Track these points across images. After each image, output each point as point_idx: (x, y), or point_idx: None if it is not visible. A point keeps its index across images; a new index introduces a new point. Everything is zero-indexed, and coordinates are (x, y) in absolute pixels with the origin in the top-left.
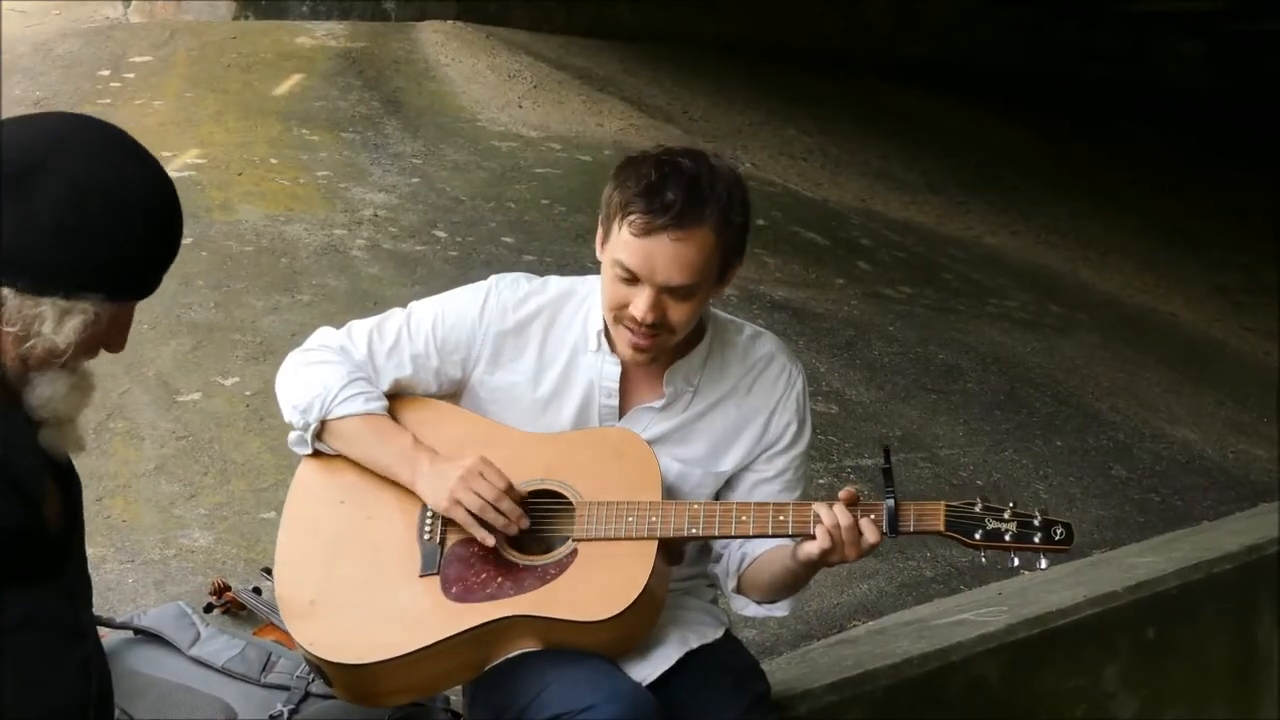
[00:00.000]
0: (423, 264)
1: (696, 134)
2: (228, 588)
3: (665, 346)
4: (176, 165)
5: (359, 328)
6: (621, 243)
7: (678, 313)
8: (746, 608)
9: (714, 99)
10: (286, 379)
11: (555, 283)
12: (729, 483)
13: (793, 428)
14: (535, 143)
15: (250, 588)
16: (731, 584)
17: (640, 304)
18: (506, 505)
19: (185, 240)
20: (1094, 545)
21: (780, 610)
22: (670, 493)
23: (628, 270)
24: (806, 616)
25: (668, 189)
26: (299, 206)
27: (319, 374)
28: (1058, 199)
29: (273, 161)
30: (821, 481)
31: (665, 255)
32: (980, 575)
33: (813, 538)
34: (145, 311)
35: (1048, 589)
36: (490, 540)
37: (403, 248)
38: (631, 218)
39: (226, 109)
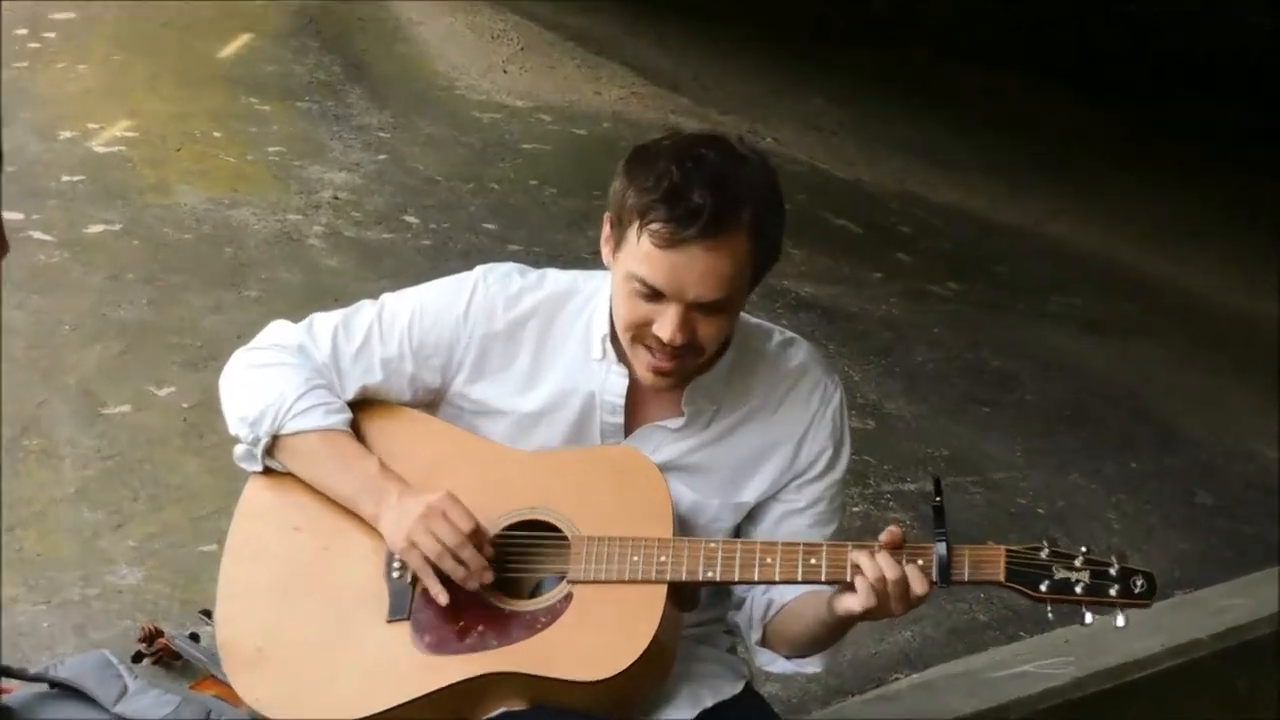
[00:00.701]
0: (391, 255)
1: (709, 105)
2: (160, 633)
3: (691, 371)
4: (104, 139)
5: (322, 323)
6: (642, 255)
7: (708, 330)
8: (773, 663)
9: (727, 64)
10: (232, 383)
11: (553, 278)
12: (751, 515)
13: (828, 452)
14: (522, 114)
15: (186, 633)
16: (756, 635)
17: (667, 324)
18: (468, 554)
19: (114, 226)
20: (1175, 585)
21: (812, 666)
22: (683, 526)
23: (650, 287)
24: (840, 668)
25: (693, 191)
26: (246, 188)
27: (272, 379)
28: (1129, 180)
29: (216, 135)
30: (856, 509)
31: (696, 269)
32: (1043, 620)
33: (851, 588)
34: (66, 310)
35: (1122, 637)
36: (443, 597)
37: (367, 236)
38: (654, 227)
39: (162, 74)
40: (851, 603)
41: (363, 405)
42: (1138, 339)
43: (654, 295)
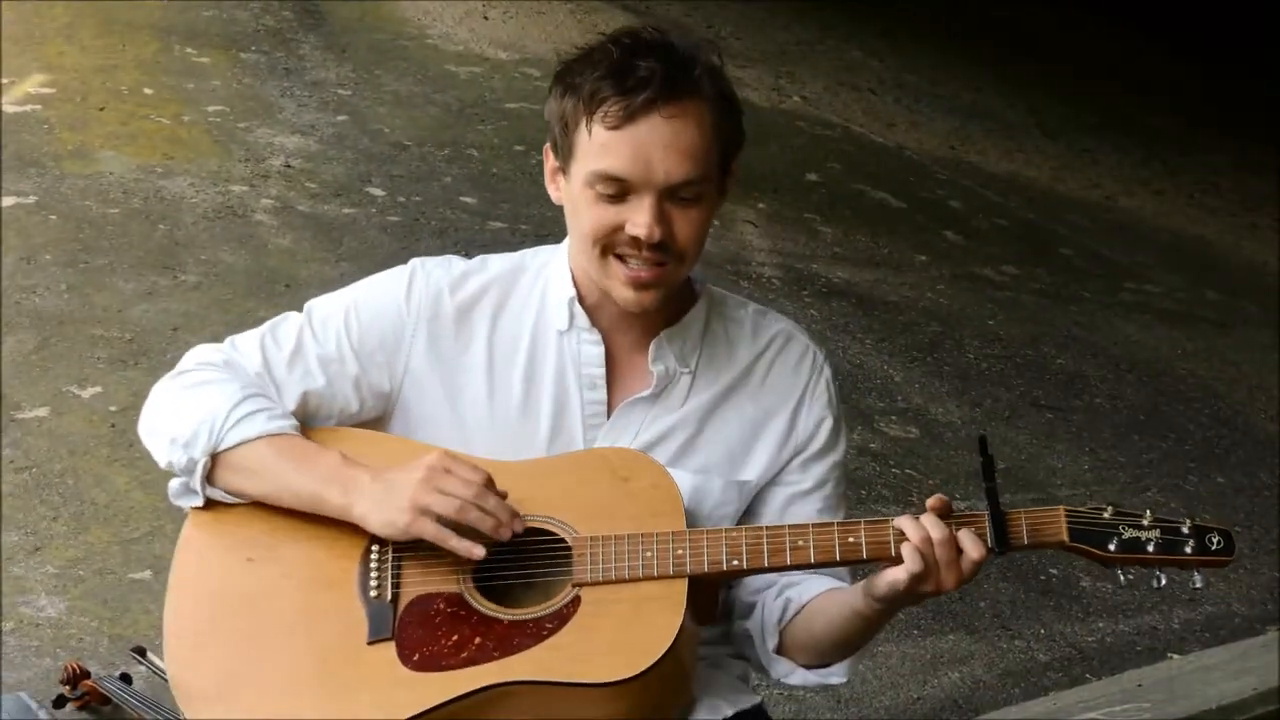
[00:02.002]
0: (352, 232)
1: (725, 57)
2: (86, 674)
3: (673, 283)
4: (14, 97)
5: (245, 338)
6: (598, 146)
7: (685, 226)
8: (791, 673)
9: (747, 8)
10: (158, 411)
11: (497, 259)
12: (752, 506)
13: (827, 424)
14: (506, 67)
15: (117, 674)
16: (772, 642)
17: (641, 217)
18: (493, 502)
19: (27, 199)
20: (1266, 619)
21: (835, 676)
22: (690, 517)
23: (613, 178)
24: (876, 715)
25: (639, 60)
26: (183, 154)
27: (201, 396)
28: (1215, 147)
29: (146, 92)
30: None
31: (660, 140)
32: (1113, 661)
33: (894, 561)
34: None
35: (1204, 679)
36: (479, 552)
37: (325, 210)
38: (604, 108)
39: (82, 20)
40: (898, 574)
41: (317, 433)
42: (1224, 333)
43: (620, 193)
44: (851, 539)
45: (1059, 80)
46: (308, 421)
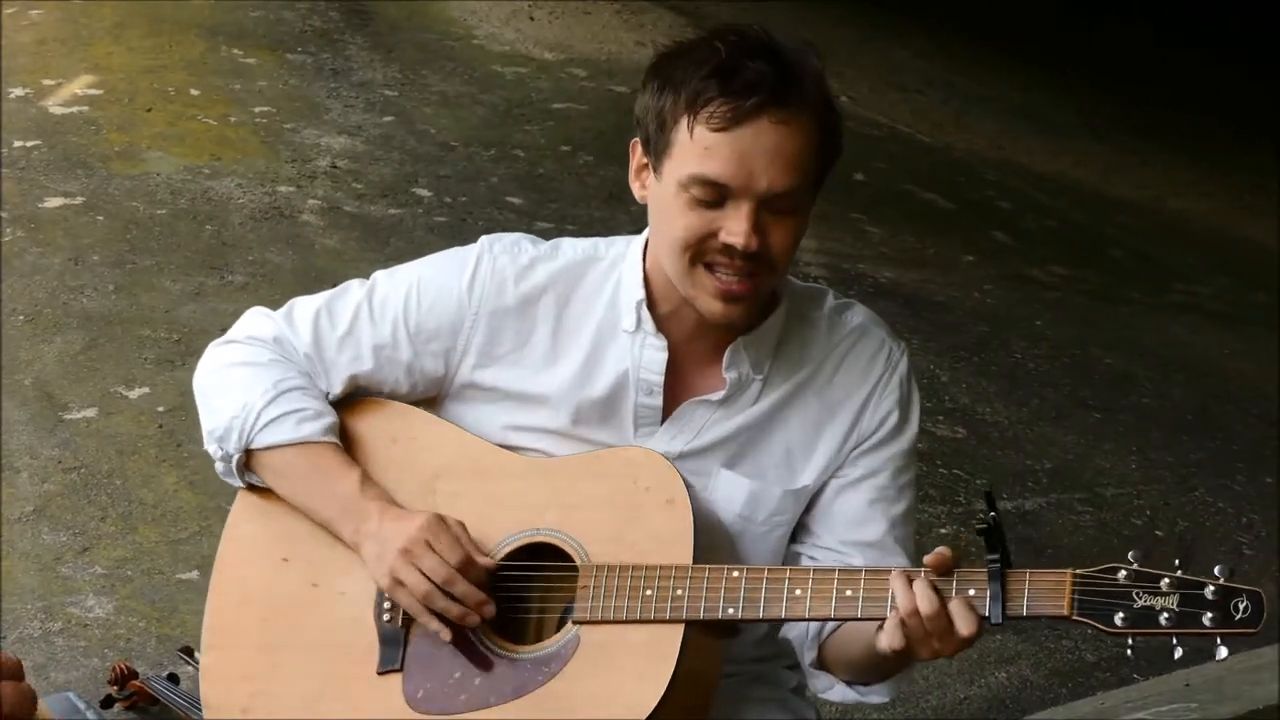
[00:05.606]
0: (399, 233)
1: None
2: (134, 674)
3: (763, 295)
4: (62, 97)
5: (303, 308)
6: (700, 149)
7: (780, 236)
8: (831, 689)
9: (794, 8)
10: (202, 388)
11: (569, 246)
12: (809, 505)
13: (893, 417)
14: (552, 68)
15: (164, 674)
16: (810, 656)
17: (738, 225)
18: (461, 589)
19: (75, 200)
20: None
21: (877, 695)
22: (744, 524)
23: (712, 183)
24: (923, 714)
25: (747, 61)
26: (230, 154)
27: (239, 383)
28: (1262, 149)
29: (193, 93)
30: (944, 530)
31: (765, 147)
32: (1161, 661)
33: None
34: (20, 298)
35: (1253, 679)
36: (446, 633)
37: (371, 211)
38: (710, 109)
39: (129, 20)
40: (880, 640)
41: (370, 406)
42: (1273, 334)
43: (718, 199)
44: (848, 592)
45: (1108, 82)
46: (355, 397)
